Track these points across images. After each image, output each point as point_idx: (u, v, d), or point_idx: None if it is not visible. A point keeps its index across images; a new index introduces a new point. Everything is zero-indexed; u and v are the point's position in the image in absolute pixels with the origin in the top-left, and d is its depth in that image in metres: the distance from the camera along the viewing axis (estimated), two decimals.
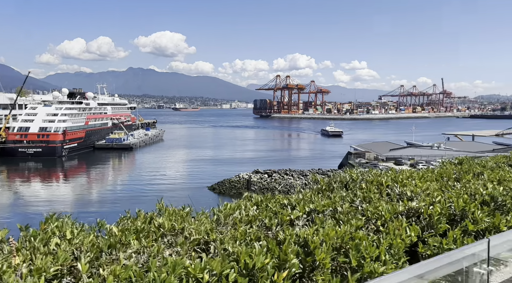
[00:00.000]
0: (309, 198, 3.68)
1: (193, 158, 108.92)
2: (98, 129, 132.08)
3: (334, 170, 79.73)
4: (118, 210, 23.38)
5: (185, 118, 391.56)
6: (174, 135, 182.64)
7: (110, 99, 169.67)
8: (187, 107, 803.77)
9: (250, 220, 3.15)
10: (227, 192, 65.88)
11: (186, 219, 3.02)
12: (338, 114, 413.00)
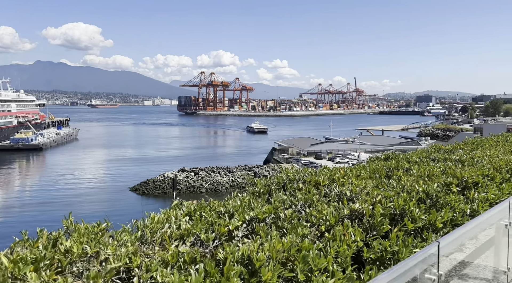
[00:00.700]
0: (247, 204, 3.35)
1: (112, 158, 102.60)
2: (1, 128, 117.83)
3: (259, 165, 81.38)
4: (26, 216, 20.89)
5: (102, 116, 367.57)
6: (91, 134, 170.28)
7: (15, 95, 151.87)
8: (105, 104, 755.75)
9: (183, 235, 2.71)
10: (151, 193, 63.30)
11: (101, 240, 2.48)
12: (263, 111, 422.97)
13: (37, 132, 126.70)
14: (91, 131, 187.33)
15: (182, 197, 58.42)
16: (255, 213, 2.98)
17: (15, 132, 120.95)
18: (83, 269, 2.21)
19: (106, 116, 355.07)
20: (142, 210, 16.48)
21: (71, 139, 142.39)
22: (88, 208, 53.59)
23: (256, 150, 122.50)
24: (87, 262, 2.27)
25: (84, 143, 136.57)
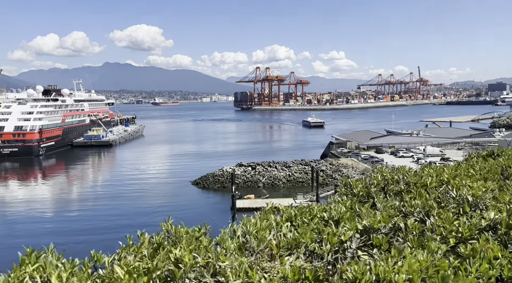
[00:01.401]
0: (349, 208, 3.02)
1: (174, 153, 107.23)
2: (76, 127, 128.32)
3: (316, 160, 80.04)
4: (100, 209, 22.34)
5: (165, 113, 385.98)
6: (155, 130, 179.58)
7: (87, 95, 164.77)
8: (167, 102, 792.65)
9: (291, 245, 2.49)
10: (211, 187, 65.07)
11: (209, 248, 2.33)
12: (319, 105, 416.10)
13: (107, 129, 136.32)
14: (155, 128, 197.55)
15: (240, 191, 59.53)
16: (369, 222, 2.65)
17: (88, 130, 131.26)
18: (197, 281, 2.07)
19: (168, 113, 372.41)
20: (204, 204, 16.80)
21: (137, 136, 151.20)
22: (155, 202, 56.57)
23: (313, 145, 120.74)
24: (199, 274, 2.12)
25: (149, 139, 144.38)
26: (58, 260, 2.11)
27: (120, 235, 11.16)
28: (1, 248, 38.83)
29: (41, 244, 9.39)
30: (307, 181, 67.09)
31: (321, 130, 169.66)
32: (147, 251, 2.35)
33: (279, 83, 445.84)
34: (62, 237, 41.68)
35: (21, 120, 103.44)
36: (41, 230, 44.93)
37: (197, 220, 18.16)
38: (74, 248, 33.36)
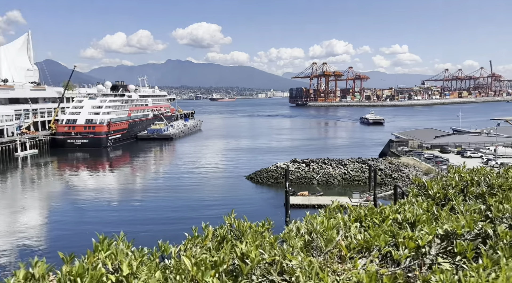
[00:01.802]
0: (426, 211, 2.75)
1: (230, 148, 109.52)
2: (140, 121, 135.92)
3: (375, 158, 77.13)
4: (160, 200, 23.42)
5: (222, 108, 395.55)
6: (212, 125, 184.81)
7: (151, 91, 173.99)
8: (224, 98, 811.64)
9: (362, 248, 2.32)
10: (265, 182, 65.49)
11: (275, 245, 2.25)
12: (378, 101, 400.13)
13: (168, 124, 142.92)
14: (212, 123, 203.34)
15: (293, 187, 59.12)
16: (451, 226, 2.39)
17: (151, 124, 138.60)
18: (263, 279, 2.00)
19: (225, 109, 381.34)
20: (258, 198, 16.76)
21: (196, 130, 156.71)
22: (211, 195, 58.29)
23: (371, 142, 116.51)
24: (266, 271, 2.06)
25: (207, 134, 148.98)
26: (128, 248, 2.17)
27: (181, 226, 11.69)
28: (74, 233, 42.38)
29: (108, 231, 9.98)
30: (364, 180, 64.92)
31: (380, 127, 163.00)
32: (212, 243, 2.34)
33: (336, 78, 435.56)
34: (128, 225, 44.43)
35: (92, 114, 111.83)
36: (107, 217, 48.33)
37: (252, 214, 18.28)
38: (140, 237, 35.50)
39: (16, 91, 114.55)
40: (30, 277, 1.83)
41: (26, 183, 69.67)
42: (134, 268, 1.89)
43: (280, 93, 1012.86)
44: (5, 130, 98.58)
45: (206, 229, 2.61)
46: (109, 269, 1.95)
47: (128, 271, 1.87)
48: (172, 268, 2.02)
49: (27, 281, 1.84)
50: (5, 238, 40.22)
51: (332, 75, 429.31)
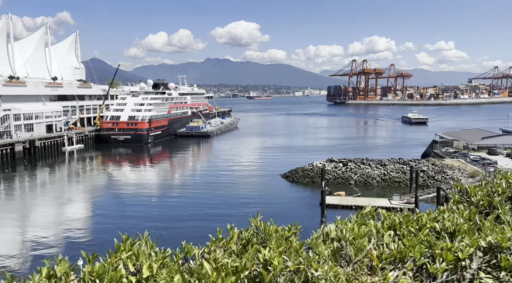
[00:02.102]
0: (467, 220, 2.51)
1: (266, 146, 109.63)
2: (179, 118, 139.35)
3: (417, 159, 74.12)
4: (196, 197, 23.79)
5: (258, 106, 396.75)
6: (248, 123, 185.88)
7: (190, 89, 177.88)
8: (261, 96, 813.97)
9: (396, 259, 2.16)
10: (300, 181, 64.89)
11: (301, 253, 2.15)
12: (421, 100, 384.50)
13: (206, 121, 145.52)
14: (249, 120, 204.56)
15: (330, 187, 58.18)
16: (496, 239, 2.17)
17: (189, 121, 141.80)
18: None
19: (261, 107, 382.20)
20: (293, 197, 16.53)
21: (232, 128, 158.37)
22: (246, 192, 58.66)
23: (413, 143, 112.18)
24: (289, 280, 1.95)
25: (243, 131, 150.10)
26: (151, 248, 2.16)
27: (212, 225, 11.72)
28: (114, 227, 44.18)
29: (144, 226, 10.27)
30: (405, 182, 62.64)
31: (424, 127, 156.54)
32: (236, 247, 2.28)
33: (376, 76, 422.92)
34: (162, 222, 45.74)
35: (134, 111, 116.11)
36: (146, 213, 49.98)
37: (286, 215, 18.38)
38: (168, 235, 36.42)
39: (65, 88, 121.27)
40: (53, 275, 1.86)
41: (72, 176, 73.63)
42: (155, 270, 1.87)
43: (318, 91, 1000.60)
44: (54, 125, 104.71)
45: (231, 231, 2.55)
46: (131, 270, 1.95)
47: (148, 273, 1.85)
48: (193, 271, 1.98)
49: (50, 279, 1.86)
50: (52, 229, 42.73)
51: (373, 73, 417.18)
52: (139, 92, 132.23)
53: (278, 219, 12.35)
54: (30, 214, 48.72)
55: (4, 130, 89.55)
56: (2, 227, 43.45)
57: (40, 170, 77.92)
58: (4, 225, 43.92)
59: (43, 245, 37.72)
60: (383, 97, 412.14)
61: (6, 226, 43.54)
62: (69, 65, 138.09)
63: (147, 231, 2.27)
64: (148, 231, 2.28)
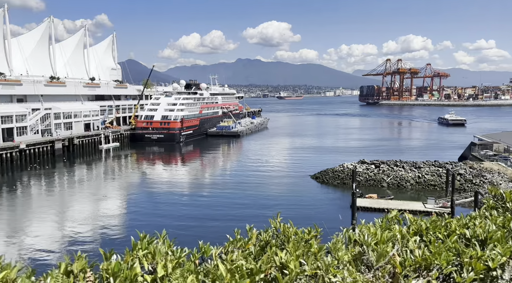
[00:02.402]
0: (501, 227, 2.34)
1: (295, 146, 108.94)
2: (210, 118, 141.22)
3: (453, 162, 71.14)
4: (224, 196, 24.01)
5: (288, 107, 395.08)
6: (278, 123, 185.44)
7: (221, 89, 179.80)
8: (291, 96, 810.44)
9: (420, 266, 2.02)
10: (331, 182, 63.92)
11: (319, 256, 2.07)
12: (459, 100, 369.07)
13: (236, 121, 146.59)
14: (279, 121, 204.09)
15: (361, 189, 56.99)
16: None
17: (220, 121, 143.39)
18: None
19: (291, 107, 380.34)
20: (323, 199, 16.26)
21: (262, 128, 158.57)
22: (275, 193, 58.55)
23: (449, 145, 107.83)
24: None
25: (272, 131, 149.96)
26: (169, 247, 2.16)
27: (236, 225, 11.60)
28: (145, 224, 45.37)
29: (170, 224, 10.40)
30: (440, 185, 60.32)
31: (461, 129, 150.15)
32: (254, 248, 2.25)
33: (412, 76, 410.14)
34: (188, 220, 46.41)
35: (167, 111, 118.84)
36: (176, 211, 50.98)
37: (315, 216, 18.12)
38: (189, 234, 36.87)
39: (102, 88, 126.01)
40: (71, 271, 1.90)
41: (108, 173, 76.37)
42: (170, 269, 1.86)
43: (350, 91, 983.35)
44: (92, 124, 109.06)
45: (250, 232, 2.52)
46: (146, 269, 1.96)
47: (163, 272, 1.84)
48: (208, 272, 1.96)
49: (68, 275, 1.90)
50: (88, 225, 44.48)
51: (408, 72, 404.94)
52: (172, 92, 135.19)
53: (307, 221, 12.27)
54: (68, 209, 51.00)
55: (45, 128, 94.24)
56: (42, 221, 45.77)
57: (78, 167, 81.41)
58: (44, 220, 46.24)
59: (78, 240, 39.36)
60: (418, 98, 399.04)
61: (46, 220, 45.81)
62: (106, 66, 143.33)
63: (164, 230, 2.28)
64: (166, 230, 2.29)
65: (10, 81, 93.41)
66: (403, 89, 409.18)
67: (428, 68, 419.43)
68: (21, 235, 40.77)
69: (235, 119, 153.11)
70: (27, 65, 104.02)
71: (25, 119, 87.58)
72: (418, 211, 48.34)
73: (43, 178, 69.52)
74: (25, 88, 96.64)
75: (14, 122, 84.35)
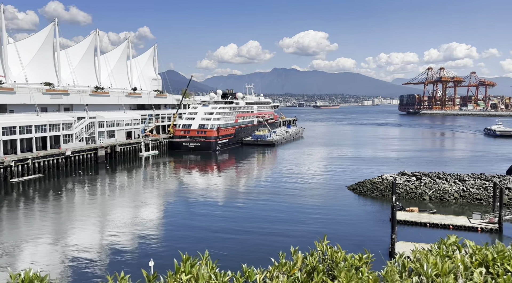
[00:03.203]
0: None
1: (331, 156, 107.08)
2: (246, 127, 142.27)
3: (501, 175, 66.97)
4: (262, 207, 23.75)
5: (324, 116, 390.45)
6: (314, 133, 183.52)
7: (256, 99, 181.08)
8: (327, 105, 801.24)
9: None
10: (369, 194, 62.03)
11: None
12: (507, 110, 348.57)
13: (271, 130, 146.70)
14: (314, 130, 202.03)
15: (401, 202, 54.81)
16: None
17: (255, 130, 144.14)
18: None
19: (328, 116, 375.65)
20: (361, 211, 15.68)
21: (297, 137, 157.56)
22: (311, 204, 57.60)
23: (497, 157, 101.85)
24: None
25: (308, 141, 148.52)
26: (211, 270, 2.07)
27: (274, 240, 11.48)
28: (180, 236, 45.99)
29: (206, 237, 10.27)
30: (487, 199, 56.84)
31: (510, 140, 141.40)
32: (300, 274, 2.10)
33: (455, 84, 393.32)
34: (223, 233, 46.45)
35: (204, 120, 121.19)
36: (212, 222, 51.36)
37: (353, 230, 17.53)
38: (229, 251, 36.68)
39: (143, 98, 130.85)
40: None
41: (147, 180, 78.70)
42: None
43: (389, 100, 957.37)
44: (133, 132, 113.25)
45: (295, 255, 2.37)
46: None
47: None
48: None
49: None
50: (127, 234, 45.76)
51: (451, 81, 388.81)
52: (209, 101, 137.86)
53: (344, 235, 11.97)
54: (109, 216, 52.87)
55: (89, 136, 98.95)
56: (84, 228, 47.70)
57: (119, 173, 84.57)
58: (85, 226, 48.18)
59: (116, 250, 40.53)
60: (462, 107, 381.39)
61: (87, 227, 47.69)
62: (147, 76, 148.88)
63: (207, 251, 2.20)
64: (202, 243, 2.21)
65: (58, 91, 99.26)
66: (445, 98, 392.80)
67: (472, 77, 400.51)
68: (63, 240, 42.64)
69: (270, 128, 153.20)
70: (74, 75, 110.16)
71: (71, 127, 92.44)
72: (463, 226, 45.68)
73: (86, 184, 72.78)
74: (71, 97, 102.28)
75: (61, 130, 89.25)
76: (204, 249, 16.69)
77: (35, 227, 46.77)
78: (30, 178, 74.55)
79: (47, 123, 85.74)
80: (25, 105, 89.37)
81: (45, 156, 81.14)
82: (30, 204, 58.93)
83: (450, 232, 24.60)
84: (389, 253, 37.66)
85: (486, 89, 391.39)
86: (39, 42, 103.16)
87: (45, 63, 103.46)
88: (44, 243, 40.89)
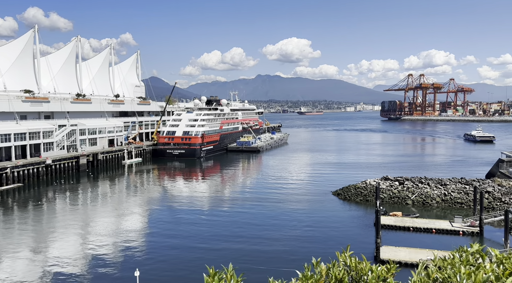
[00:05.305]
0: None
1: (316, 162, 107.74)
2: (230, 133, 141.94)
3: (481, 179, 68.66)
4: (248, 213, 23.61)
5: (308, 122, 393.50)
6: (298, 139, 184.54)
7: (241, 105, 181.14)
8: (311, 111, 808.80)
9: None
10: (353, 199, 62.57)
11: None
12: (484, 116, 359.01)
13: (256, 136, 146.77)
14: (299, 136, 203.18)
15: (385, 206, 55.44)
16: None
17: (240, 136, 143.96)
18: None
19: (311, 123, 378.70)
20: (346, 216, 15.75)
21: (282, 143, 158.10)
22: (296, 208, 57.66)
23: (476, 161, 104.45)
24: None
25: (293, 147, 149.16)
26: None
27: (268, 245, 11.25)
28: (162, 246, 45.21)
29: (192, 245, 10.02)
30: (467, 203, 58.11)
31: (489, 145, 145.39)
32: None
33: (435, 91, 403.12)
34: (209, 242, 46.03)
35: (188, 126, 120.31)
36: (197, 231, 50.75)
37: (338, 235, 17.62)
38: (217, 256, 36.22)
39: (126, 105, 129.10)
40: None
41: (131, 188, 77.30)
42: None
43: (371, 106, 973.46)
44: (115, 140, 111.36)
45: (318, 267, 2.28)
46: None
47: None
48: None
49: None
50: (110, 244, 44.71)
51: (431, 88, 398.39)
52: (193, 108, 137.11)
53: (330, 240, 11.94)
54: (91, 225, 51.60)
55: (71, 144, 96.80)
56: (65, 237, 46.38)
57: (101, 182, 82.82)
58: (67, 235, 46.87)
59: (99, 260, 39.55)
60: (442, 113, 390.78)
61: (69, 236, 46.43)
62: (130, 83, 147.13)
63: (231, 265, 2.09)
64: (188, 250, 2.10)
65: (38, 98, 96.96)
66: (426, 104, 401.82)
67: (451, 83, 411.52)
68: (44, 252, 41.34)
69: (255, 134, 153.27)
70: (55, 83, 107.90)
71: (52, 135, 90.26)
72: (446, 230, 46.46)
73: (67, 193, 70.96)
74: (52, 105, 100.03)
75: (41, 138, 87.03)
76: (191, 258, 16.67)
77: (14, 239, 45.19)
78: (9, 188, 72.25)
79: (26, 131, 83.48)
80: (4, 113, 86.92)
81: (25, 165, 78.88)
82: (9, 214, 56.98)
83: (433, 236, 25.09)
84: (374, 258, 37.92)
85: (465, 95, 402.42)
86: (19, 49, 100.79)
87: (25, 70, 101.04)
88: (23, 256, 39.51)
